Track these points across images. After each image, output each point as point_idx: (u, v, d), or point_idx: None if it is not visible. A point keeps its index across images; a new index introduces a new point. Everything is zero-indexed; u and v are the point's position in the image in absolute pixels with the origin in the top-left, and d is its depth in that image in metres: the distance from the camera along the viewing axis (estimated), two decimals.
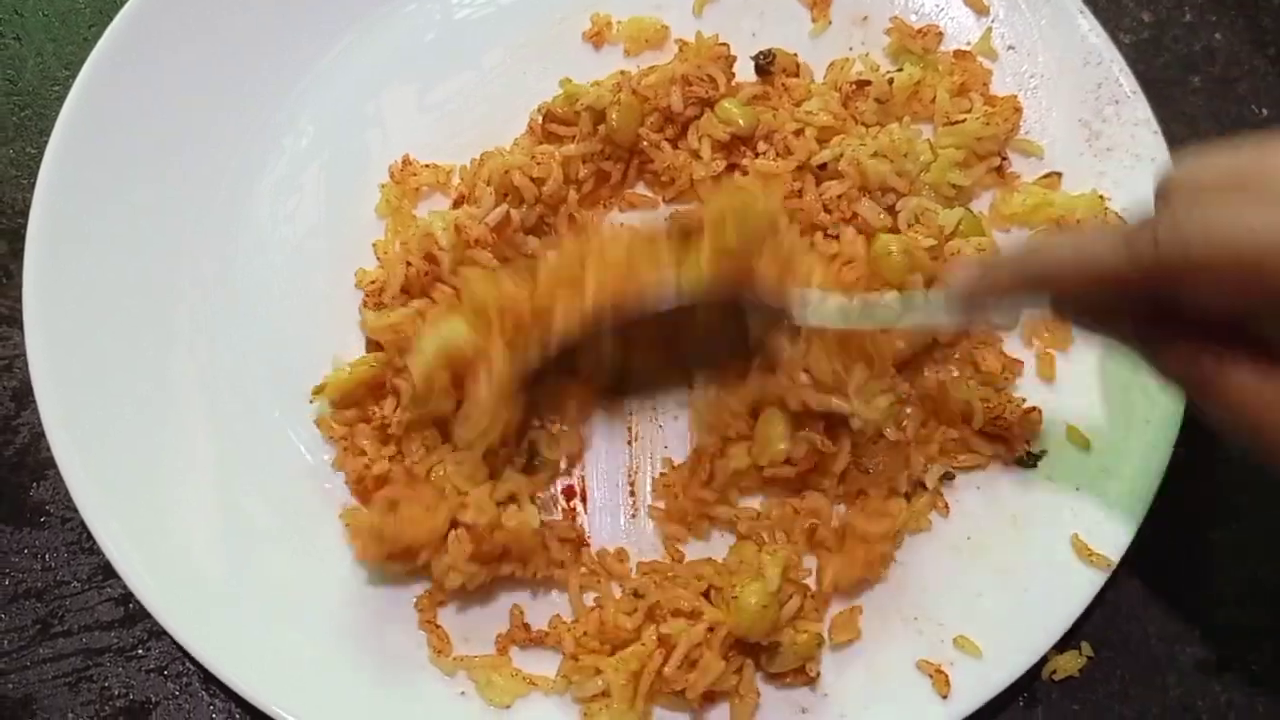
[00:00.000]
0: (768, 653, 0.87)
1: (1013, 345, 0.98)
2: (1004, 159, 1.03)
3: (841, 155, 0.95)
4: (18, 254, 0.97)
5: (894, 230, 0.96)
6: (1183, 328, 0.68)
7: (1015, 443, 0.93)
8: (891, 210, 0.97)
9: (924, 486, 0.93)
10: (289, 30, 1.06)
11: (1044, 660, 0.90)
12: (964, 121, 1.01)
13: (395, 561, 0.88)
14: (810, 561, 0.92)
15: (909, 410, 0.94)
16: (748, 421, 0.91)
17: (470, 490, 0.88)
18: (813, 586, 0.90)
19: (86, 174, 0.99)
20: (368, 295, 0.97)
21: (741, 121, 0.98)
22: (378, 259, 1.00)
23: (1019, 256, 0.74)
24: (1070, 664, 0.92)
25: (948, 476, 0.94)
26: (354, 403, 0.94)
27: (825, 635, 0.89)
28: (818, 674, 0.87)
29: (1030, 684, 0.91)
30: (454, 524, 0.87)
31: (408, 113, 1.07)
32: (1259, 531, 0.97)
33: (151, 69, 1.02)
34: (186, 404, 0.96)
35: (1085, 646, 0.92)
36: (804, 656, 0.86)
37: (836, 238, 0.96)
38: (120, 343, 0.96)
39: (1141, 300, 0.68)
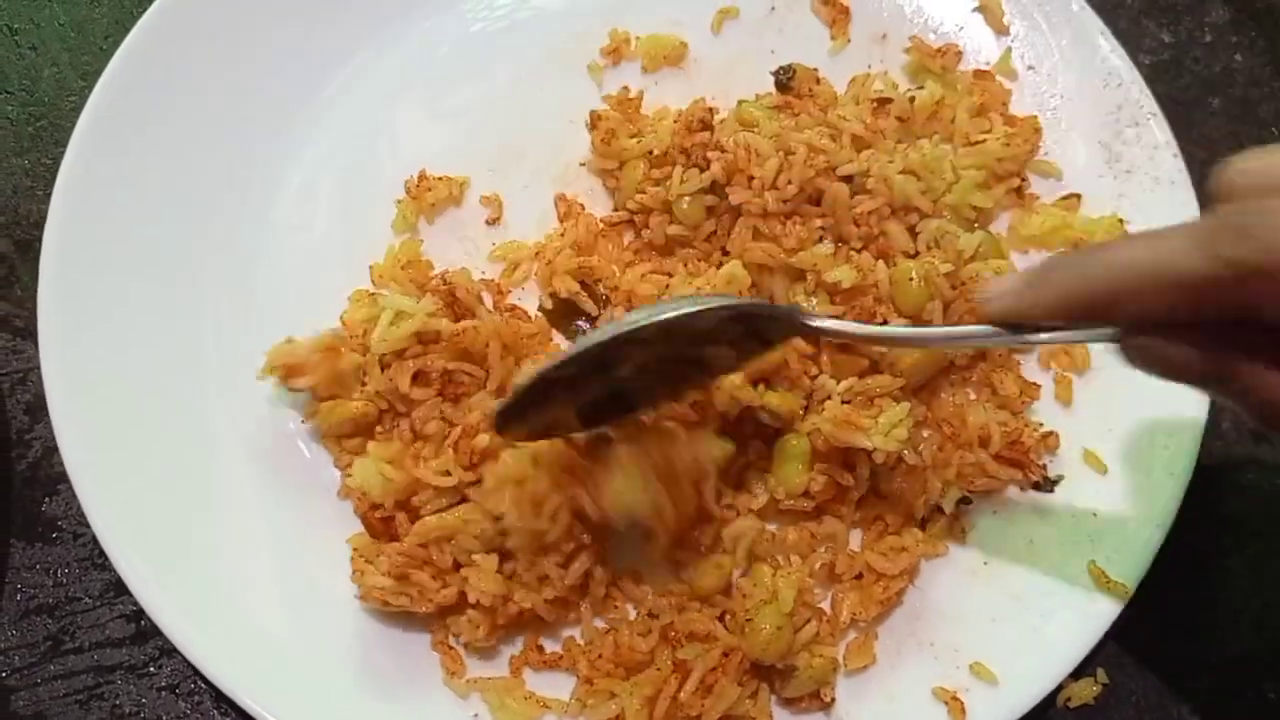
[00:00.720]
0: (782, 677, 0.86)
1: (1030, 369, 0.98)
2: (1023, 180, 1.02)
3: (869, 171, 0.94)
4: (33, 266, 0.97)
5: (913, 255, 0.95)
6: (1262, 348, 0.63)
7: (1032, 467, 0.93)
8: (912, 231, 0.96)
9: (941, 511, 0.93)
10: (306, 41, 1.06)
11: (1059, 688, 0.89)
12: (984, 142, 1.00)
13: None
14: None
15: (926, 434, 0.93)
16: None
17: (479, 560, 0.87)
18: (827, 610, 0.90)
19: (102, 185, 0.98)
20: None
21: (765, 124, 0.96)
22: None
23: (1072, 262, 0.68)
24: (1085, 691, 0.91)
25: (964, 501, 0.93)
26: (359, 431, 0.94)
27: (840, 660, 0.89)
28: (833, 699, 0.87)
29: (1045, 711, 0.91)
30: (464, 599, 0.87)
31: (422, 124, 1.07)
32: (1273, 559, 0.97)
33: (167, 80, 1.02)
34: (202, 417, 0.96)
35: (1100, 674, 0.92)
36: (819, 681, 0.86)
37: (860, 250, 0.95)
38: (135, 356, 0.96)
39: (1214, 313, 0.62)
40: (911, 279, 0.91)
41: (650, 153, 0.99)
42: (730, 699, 0.84)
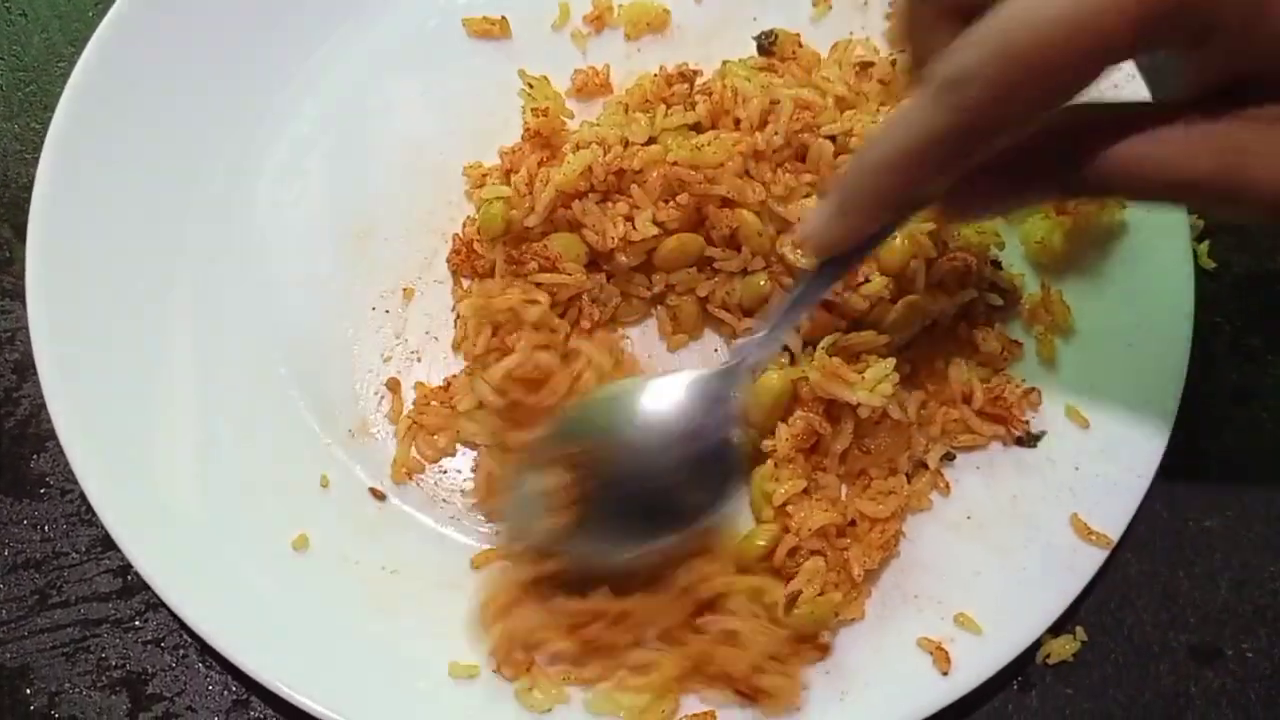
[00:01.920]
0: (788, 605, 0.86)
1: (1013, 328, 0.99)
2: None
3: (853, 130, 0.95)
4: (21, 229, 0.97)
5: None
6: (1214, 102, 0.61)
7: (1015, 422, 0.94)
8: None
9: (925, 466, 0.93)
10: (294, 13, 1.07)
11: (1038, 644, 0.90)
12: None
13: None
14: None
15: (910, 392, 0.94)
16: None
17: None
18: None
19: (90, 150, 0.99)
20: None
21: (748, 82, 0.96)
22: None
23: (851, 174, 0.71)
24: (1064, 648, 0.92)
25: (948, 457, 0.94)
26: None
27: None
28: (830, 643, 0.87)
29: (1024, 668, 0.92)
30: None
31: (410, 99, 1.08)
32: (1254, 518, 0.98)
33: (157, 47, 1.02)
34: (188, 379, 0.96)
35: (1079, 631, 0.92)
36: (818, 623, 0.86)
37: None
38: (122, 317, 0.96)
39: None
40: (895, 236, 0.92)
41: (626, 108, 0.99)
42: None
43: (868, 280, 0.91)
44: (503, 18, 1.08)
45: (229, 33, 1.05)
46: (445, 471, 0.96)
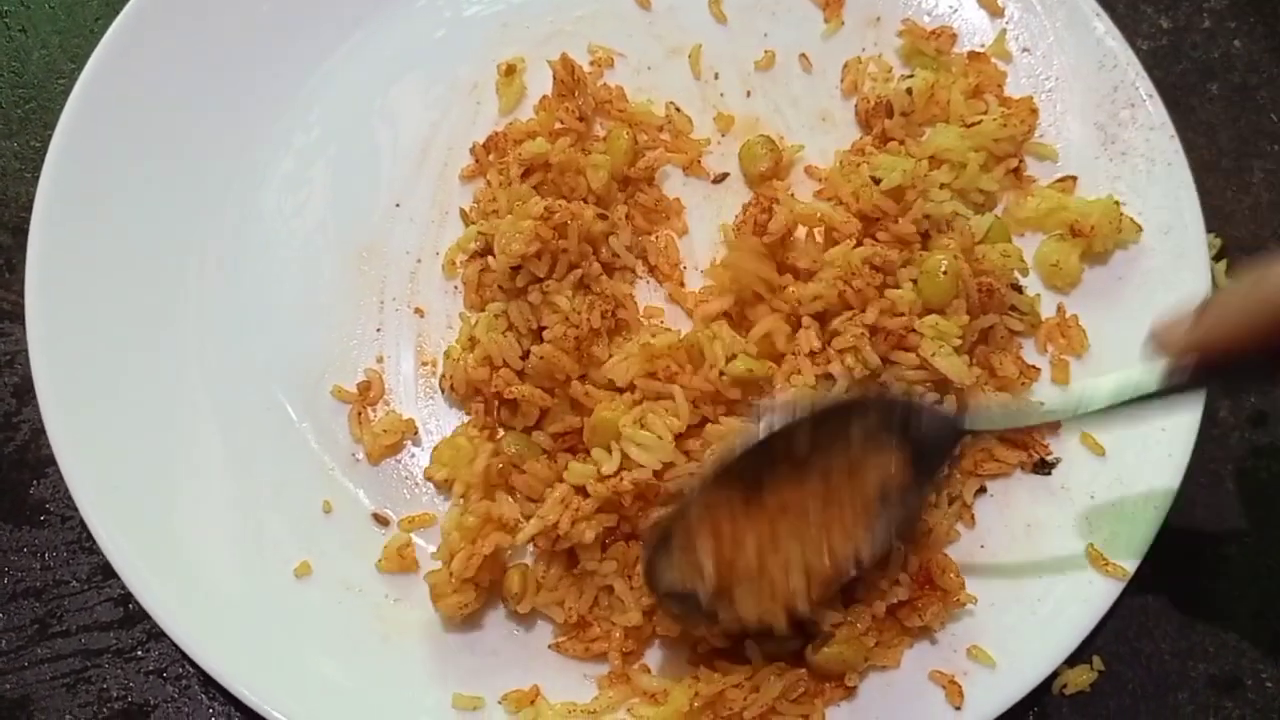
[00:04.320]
0: (819, 642, 0.85)
1: (1029, 352, 0.97)
2: (1020, 161, 1.02)
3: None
4: (21, 248, 0.96)
5: (926, 235, 0.95)
6: None
7: (1036, 446, 0.93)
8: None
9: (954, 499, 0.92)
10: (297, 26, 1.06)
11: (1055, 674, 0.89)
12: (980, 123, 1.00)
13: None
14: None
15: None
16: None
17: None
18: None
19: (91, 168, 0.98)
20: None
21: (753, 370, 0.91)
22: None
23: (1249, 280, 0.66)
24: (1081, 678, 0.91)
25: (981, 490, 0.93)
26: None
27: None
28: (856, 686, 0.86)
29: (1040, 698, 0.90)
30: None
31: (415, 110, 1.06)
32: (1271, 547, 0.96)
33: (157, 64, 1.01)
34: (190, 401, 0.95)
35: (1096, 661, 0.91)
36: (847, 664, 0.85)
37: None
38: (123, 339, 0.95)
39: None
40: (944, 272, 0.90)
41: None
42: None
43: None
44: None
45: (230, 48, 1.04)
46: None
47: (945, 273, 0.90)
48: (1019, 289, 0.96)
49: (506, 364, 0.92)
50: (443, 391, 0.97)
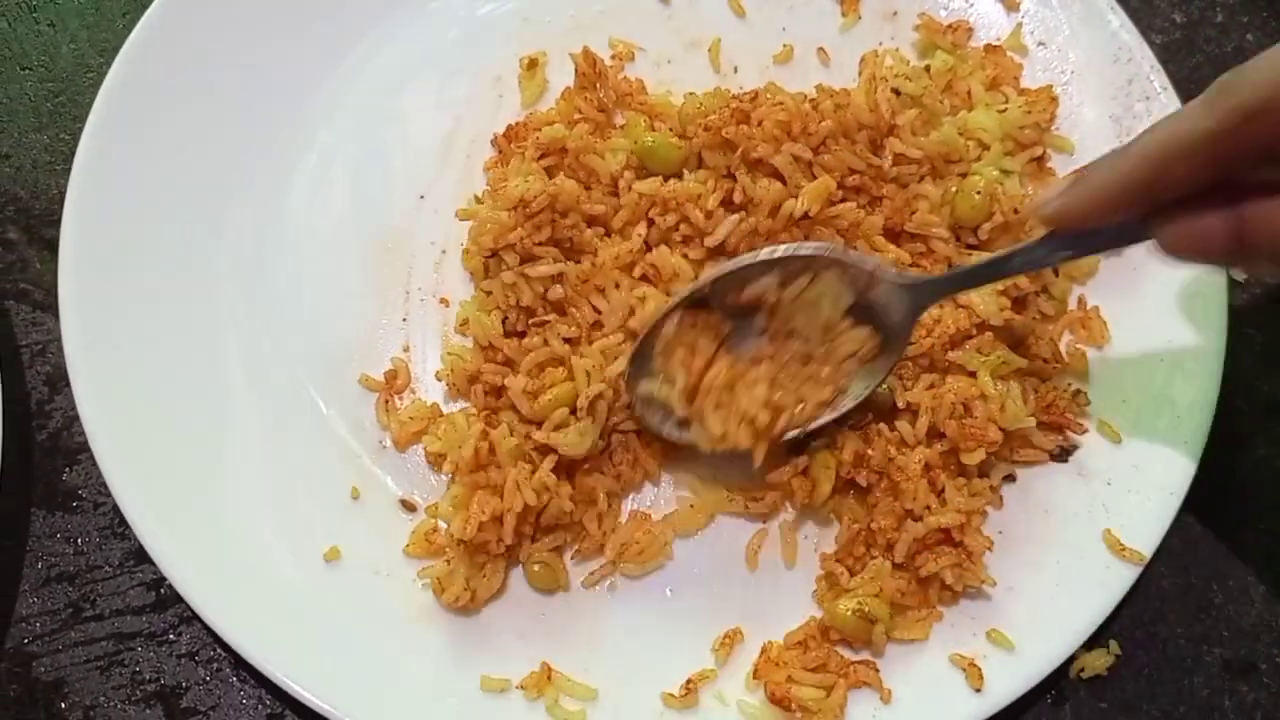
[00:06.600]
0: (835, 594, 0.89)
1: None
2: (1044, 150, 1.03)
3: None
4: (52, 240, 0.97)
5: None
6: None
7: (1072, 425, 0.93)
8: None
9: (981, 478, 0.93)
10: (319, 23, 1.07)
11: (1072, 658, 0.90)
12: (1005, 110, 1.01)
13: None
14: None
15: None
16: None
17: None
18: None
19: (120, 162, 0.99)
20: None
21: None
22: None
23: (1108, 158, 0.73)
24: (1098, 662, 0.92)
25: (1009, 478, 0.94)
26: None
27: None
28: (884, 641, 0.89)
29: (1058, 681, 0.91)
30: None
31: (438, 104, 1.08)
32: None
33: (184, 57, 1.03)
34: (221, 390, 0.97)
35: (1113, 645, 0.92)
36: (874, 618, 0.88)
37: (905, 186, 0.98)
38: (155, 328, 0.96)
39: (1232, 162, 0.67)
40: (978, 193, 0.94)
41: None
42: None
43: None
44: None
45: (257, 44, 1.05)
46: None
47: (979, 193, 0.92)
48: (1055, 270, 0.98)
49: (492, 344, 0.94)
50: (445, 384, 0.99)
